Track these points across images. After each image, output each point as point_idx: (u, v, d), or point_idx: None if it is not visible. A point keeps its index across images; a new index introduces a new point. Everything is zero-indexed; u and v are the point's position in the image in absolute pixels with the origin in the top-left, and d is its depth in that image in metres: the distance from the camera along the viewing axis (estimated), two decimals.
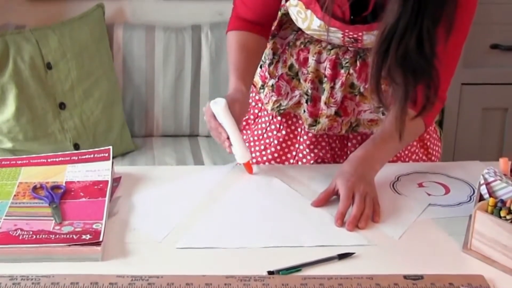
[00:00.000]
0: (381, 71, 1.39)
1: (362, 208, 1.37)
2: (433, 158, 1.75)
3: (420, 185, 1.52)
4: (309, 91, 1.65)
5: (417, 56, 1.37)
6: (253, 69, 1.64)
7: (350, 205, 1.38)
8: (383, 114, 1.66)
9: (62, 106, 2.62)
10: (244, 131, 1.81)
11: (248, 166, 1.53)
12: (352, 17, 1.51)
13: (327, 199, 1.43)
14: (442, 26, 1.37)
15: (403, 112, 1.42)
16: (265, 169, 1.58)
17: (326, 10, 1.47)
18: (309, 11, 1.53)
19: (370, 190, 1.41)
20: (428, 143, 1.73)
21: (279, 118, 1.72)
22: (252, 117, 1.79)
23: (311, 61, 1.64)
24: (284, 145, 1.72)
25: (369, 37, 1.54)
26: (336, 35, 1.56)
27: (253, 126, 1.79)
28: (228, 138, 1.49)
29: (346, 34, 1.54)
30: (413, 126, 1.51)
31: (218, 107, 1.47)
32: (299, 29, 1.66)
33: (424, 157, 1.73)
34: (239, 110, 1.50)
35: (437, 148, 1.76)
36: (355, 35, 1.54)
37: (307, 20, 1.55)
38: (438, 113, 1.61)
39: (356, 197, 1.38)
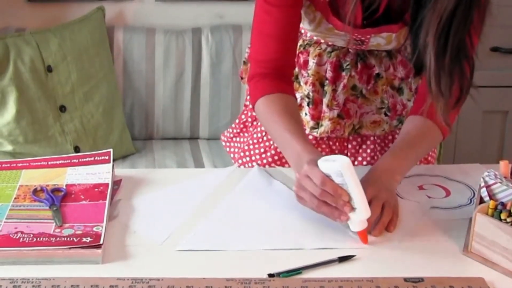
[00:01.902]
0: (443, 64, 1.37)
1: (377, 213, 1.33)
2: (429, 158, 1.74)
3: (421, 187, 1.52)
4: (310, 94, 1.65)
5: (466, 44, 1.36)
6: (304, 131, 1.51)
7: None
8: (385, 115, 1.66)
9: (62, 109, 2.62)
10: (242, 134, 1.82)
11: (364, 235, 1.29)
12: (364, 21, 1.50)
13: None
14: (478, 15, 1.37)
15: (448, 102, 1.40)
16: (266, 171, 1.57)
17: (348, 23, 1.43)
18: (318, 13, 1.53)
19: (390, 198, 1.37)
20: None
21: None
22: (250, 119, 1.79)
23: (312, 64, 1.64)
24: None
25: (376, 39, 1.54)
26: (343, 37, 1.55)
27: (251, 128, 1.79)
28: (348, 201, 1.27)
29: (354, 36, 1.54)
30: (431, 136, 1.51)
31: (340, 164, 1.24)
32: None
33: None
34: None
35: (433, 149, 1.75)
36: (362, 38, 1.54)
37: (315, 22, 1.55)
38: (454, 122, 1.59)
39: (372, 202, 1.33)
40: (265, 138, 1.74)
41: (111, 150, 1.54)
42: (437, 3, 1.33)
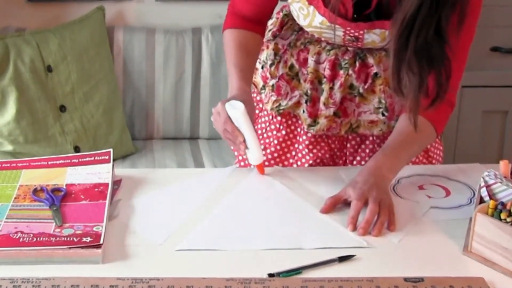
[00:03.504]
0: (402, 61, 1.38)
1: (376, 212, 1.34)
2: (433, 161, 1.74)
3: (421, 187, 1.52)
4: (309, 91, 1.66)
5: (435, 44, 1.37)
6: (253, 68, 1.66)
7: (361, 207, 1.36)
8: (383, 115, 1.66)
9: (62, 108, 2.62)
10: None
11: (260, 168, 1.55)
12: (355, 15, 1.51)
13: (334, 205, 1.41)
14: (455, 16, 1.38)
15: (417, 102, 1.41)
16: (266, 171, 1.57)
17: (332, 9, 1.48)
18: (311, 7, 1.54)
19: (384, 196, 1.39)
20: (429, 146, 1.73)
21: (278, 118, 1.72)
22: None
23: (311, 62, 1.65)
24: (283, 145, 1.73)
25: (370, 36, 1.55)
26: (338, 33, 1.56)
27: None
28: (243, 141, 1.49)
29: (348, 32, 1.55)
30: (424, 134, 1.51)
31: (237, 111, 1.47)
32: (300, 29, 1.67)
33: (424, 160, 1.72)
34: (249, 111, 1.50)
35: (438, 152, 1.75)
36: (356, 33, 1.55)
37: (309, 17, 1.56)
38: (448, 119, 1.60)
39: (370, 202, 1.36)
40: (265, 135, 1.74)
41: (111, 150, 1.55)
42: (404, 1, 1.35)
